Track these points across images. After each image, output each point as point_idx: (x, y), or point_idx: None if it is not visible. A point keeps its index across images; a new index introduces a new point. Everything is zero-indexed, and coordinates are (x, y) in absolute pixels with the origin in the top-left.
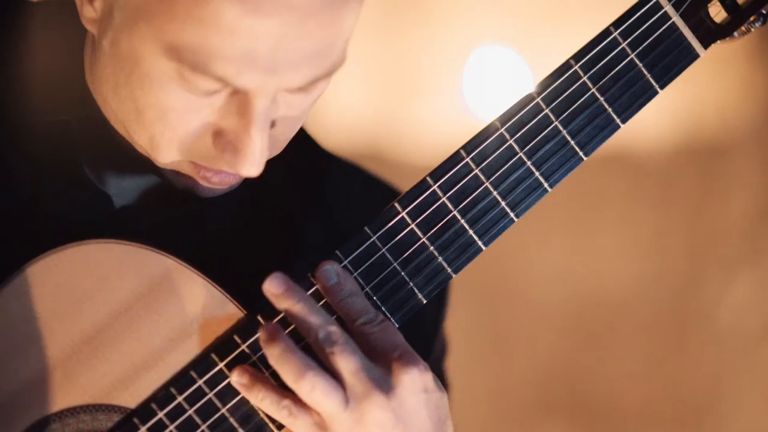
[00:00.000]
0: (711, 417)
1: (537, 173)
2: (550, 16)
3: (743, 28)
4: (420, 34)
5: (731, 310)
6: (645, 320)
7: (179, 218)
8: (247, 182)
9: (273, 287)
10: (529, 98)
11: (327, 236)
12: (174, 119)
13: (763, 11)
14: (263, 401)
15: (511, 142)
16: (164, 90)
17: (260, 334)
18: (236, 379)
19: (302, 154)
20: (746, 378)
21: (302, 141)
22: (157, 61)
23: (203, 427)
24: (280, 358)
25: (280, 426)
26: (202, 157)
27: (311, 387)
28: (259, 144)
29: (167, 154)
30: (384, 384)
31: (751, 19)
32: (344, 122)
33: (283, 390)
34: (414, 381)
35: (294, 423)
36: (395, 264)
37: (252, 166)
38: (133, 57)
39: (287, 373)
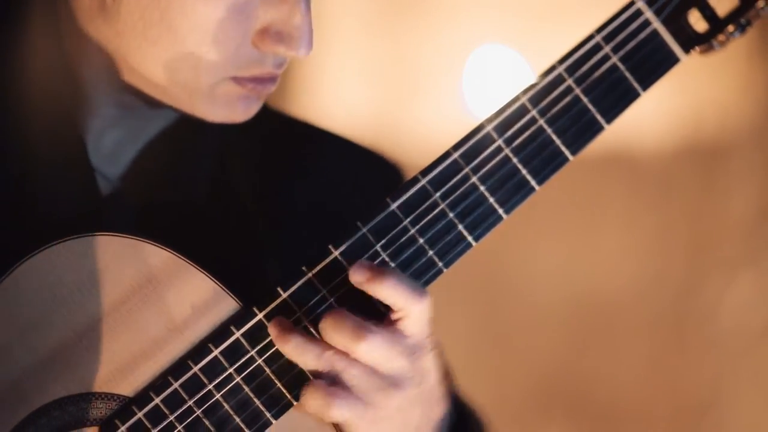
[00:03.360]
0: (711, 417)
1: (524, 171)
2: (550, 16)
3: (722, 38)
4: (420, 34)
5: (731, 310)
6: (645, 320)
7: (167, 205)
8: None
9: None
10: (516, 99)
11: (318, 224)
12: (220, 32)
13: (742, 21)
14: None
15: (499, 142)
16: (206, 2)
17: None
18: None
19: (289, 134)
20: (746, 378)
21: (285, 121)
22: None
23: (198, 412)
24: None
25: (276, 414)
26: (245, 66)
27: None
28: (308, 20)
29: (213, 74)
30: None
31: (731, 29)
32: (344, 121)
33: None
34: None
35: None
36: (387, 258)
37: (309, 43)
38: None
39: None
